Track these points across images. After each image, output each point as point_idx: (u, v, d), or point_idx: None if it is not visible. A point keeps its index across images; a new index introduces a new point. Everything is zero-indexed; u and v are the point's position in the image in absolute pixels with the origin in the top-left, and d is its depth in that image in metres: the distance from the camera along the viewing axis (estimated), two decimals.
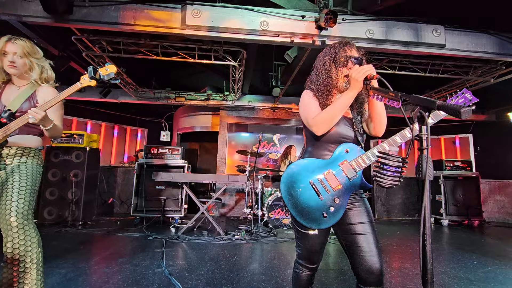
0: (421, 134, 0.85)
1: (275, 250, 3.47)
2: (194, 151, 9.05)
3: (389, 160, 1.01)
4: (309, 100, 1.45)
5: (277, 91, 5.63)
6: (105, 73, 1.62)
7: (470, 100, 1.36)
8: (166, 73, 6.16)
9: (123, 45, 4.05)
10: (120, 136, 7.79)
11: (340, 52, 1.39)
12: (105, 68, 1.62)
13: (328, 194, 1.31)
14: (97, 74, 1.61)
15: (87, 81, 1.61)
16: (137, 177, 5.00)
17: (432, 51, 3.48)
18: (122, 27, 3.13)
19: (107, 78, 1.62)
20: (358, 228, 1.32)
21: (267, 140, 6.76)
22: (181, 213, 4.96)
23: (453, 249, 3.76)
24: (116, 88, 5.88)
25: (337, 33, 3.27)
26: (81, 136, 4.79)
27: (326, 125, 1.32)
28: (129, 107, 7.55)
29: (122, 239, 3.83)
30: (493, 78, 4.57)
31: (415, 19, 3.37)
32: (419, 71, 4.53)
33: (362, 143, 1.43)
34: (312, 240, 1.37)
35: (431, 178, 0.82)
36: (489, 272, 2.86)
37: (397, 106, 1.00)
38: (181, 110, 7.68)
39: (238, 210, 6.26)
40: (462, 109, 0.73)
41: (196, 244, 3.60)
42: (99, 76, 1.61)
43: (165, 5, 3.15)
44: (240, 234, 4.04)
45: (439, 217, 5.76)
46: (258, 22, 3.19)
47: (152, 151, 5.23)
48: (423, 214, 0.81)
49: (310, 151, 1.46)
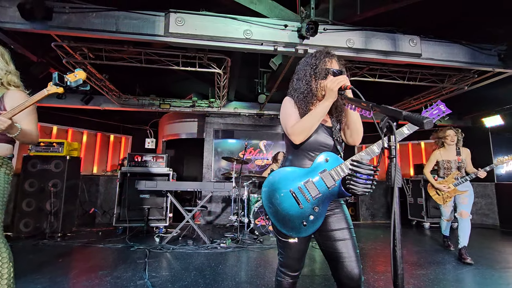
0: (390, 143, 0.88)
1: (261, 258, 3.45)
2: (180, 159, 8.94)
3: (361, 168, 1.04)
4: (289, 109, 1.47)
5: (263, 97, 5.68)
6: (74, 79, 1.57)
7: (444, 112, 1.44)
8: (151, 80, 6.10)
9: (105, 52, 3.99)
10: (103, 144, 7.59)
11: (320, 64, 1.42)
12: (74, 74, 1.57)
13: (308, 202, 1.33)
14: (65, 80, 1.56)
15: (54, 88, 1.55)
16: (120, 186, 4.89)
17: (409, 60, 3.63)
18: (103, 34, 3.09)
19: (75, 85, 1.56)
20: (337, 234, 1.34)
21: (253, 147, 6.78)
22: (165, 222, 4.87)
23: (434, 251, 3.87)
24: (98, 95, 5.76)
25: (319, 42, 3.35)
26: (61, 145, 4.65)
27: (303, 135, 1.34)
28: (113, 114, 7.39)
29: (103, 250, 3.71)
30: (467, 86, 4.80)
31: (392, 30, 3.51)
32: (398, 79, 4.70)
33: (341, 152, 1.46)
34: (293, 248, 1.38)
35: (399, 185, 0.86)
36: (467, 272, 2.96)
37: (369, 116, 1.03)
38: (167, 117, 7.60)
39: (225, 218, 6.21)
40: (425, 120, 0.77)
41: (181, 254, 3.54)
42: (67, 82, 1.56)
43: (148, 13, 3.14)
44: (226, 242, 4.00)
45: (421, 219, 5.92)
46: (241, 30, 3.23)
47: (136, 159, 5.13)
48: (393, 221, 0.84)
49: (290, 159, 1.48)
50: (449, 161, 3.61)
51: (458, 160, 3.58)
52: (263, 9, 3.35)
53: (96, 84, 5.04)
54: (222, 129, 6.81)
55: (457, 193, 3.51)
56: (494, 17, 3.96)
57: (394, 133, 0.87)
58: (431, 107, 1.41)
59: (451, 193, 3.54)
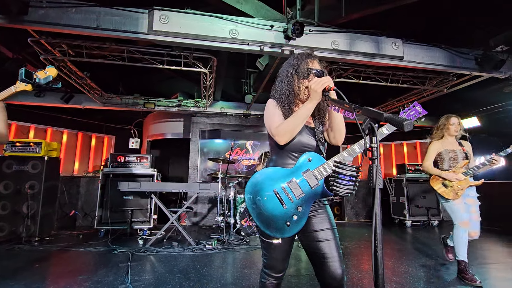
0: (372, 144, 0.89)
1: (247, 259, 3.43)
2: (166, 159, 8.78)
3: (343, 169, 1.05)
4: (272, 110, 1.47)
5: (249, 98, 5.67)
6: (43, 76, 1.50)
7: (420, 113, 1.48)
8: (135, 78, 5.96)
9: (86, 49, 3.86)
10: (84, 144, 7.34)
11: (302, 64, 1.43)
12: (44, 71, 1.51)
13: (292, 203, 1.33)
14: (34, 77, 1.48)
15: (22, 85, 1.48)
16: (102, 187, 4.75)
17: (392, 63, 3.72)
18: (84, 30, 2.98)
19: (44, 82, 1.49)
20: (321, 235, 1.35)
21: (240, 147, 6.75)
22: (150, 224, 4.76)
23: (415, 249, 3.98)
24: (79, 93, 5.57)
25: (304, 43, 3.37)
26: (38, 145, 4.45)
27: (288, 135, 1.34)
28: (95, 113, 7.16)
29: (83, 254, 3.58)
30: (446, 88, 4.98)
31: (376, 32, 3.58)
32: (381, 81, 4.81)
33: (324, 152, 1.48)
34: (277, 249, 1.38)
35: (381, 186, 0.86)
36: (445, 269, 3.06)
37: (351, 117, 1.04)
38: (152, 117, 7.44)
39: (211, 219, 6.15)
40: (405, 122, 0.78)
41: (165, 256, 3.47)
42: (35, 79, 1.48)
43: (131, 9, 3.06)
44: (211, 243, 3.95)
45: (403, 218, 6.09)
46: (227, 30, 3.21)
47: (119, 159, 4.99)
48: (374, 222, 0.85)
49: (274, 159, 1.48)
50: (454, 150, 2.96)
51: (463, 150, 2.98)
52: (249, 9, 3.34)
53: (76, 82, 4.87)
54: (209, 129, 6.75)
55: (469, 184, 2.88)
56: (473, 23, 4.13)
57: (376, 134, 0.88)
58: (408, 108, 1.45)
59: (462, 184, 2.85)
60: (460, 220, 2.75)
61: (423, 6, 3.64)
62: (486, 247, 4.18)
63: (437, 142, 3.05)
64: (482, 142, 6.58)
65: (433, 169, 2.99)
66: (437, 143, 3.04)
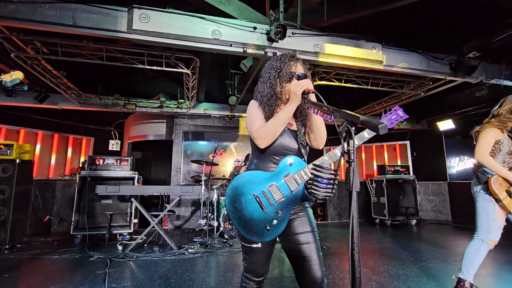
0: (349, 147, 0.89)
1: (229, 262, 3.40)
2: (147, 161, 8.56)
3: (322, 172, 1.05)
4: (254, 112, 1.45)
5: (233, 99, 5.64)
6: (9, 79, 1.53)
7: (401, 117, 1.51)
8: (115, 78, 5.78)
9: (61, 47, 3.69)
10: (60, 146, 7.02)
11: (285, 68, 1.42)
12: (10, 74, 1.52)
13: (272, 207, 1.32)
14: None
15: None
16: (79, 191, 4.55)
17: (372, 66, 3.81)
18: (58, 27, 2.85)
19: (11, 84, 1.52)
20: (301, 238, 1.34)
21: (224, 148, 6.70)
22: (130, 228, 4.61)
23: (394, 248, 4.09)
24: (55, 93, 5.33)
25: (287, 45, 3.39)
26: (9, 147, 4.20)
27: (268, 138, 1.33)
28: (72, 114, 6.86)
29: (58, 262, 3.41)
30: (423, 92, 5.17)
31: (356, 37, 3.67)
32: (362, 84, 4.93)
33: (305, 156, 1.47)
34: (257, 253, 1.36)
35: (357, 189, 0.87)
36: (423, 267, 3.16)
37: (330, 120, 1.04)
38: (133, 118, 7.24)
39: (194, 222, 6.05)
40: (380, 125, 0.79)
41: (145, 262, 3.37)
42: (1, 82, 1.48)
43: (109, 7, 2.96)
44: (194, 247, 3.88)
45: (383, 217, 6.25)
46: (210, 30, 3.17)
47: (97, 162, 4.81)
48: (351, 225, 0.85)
49: (256, 163, 1.46)
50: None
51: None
52: (232, 10, 3.32)
53: (52, 82, 4.66)
54: (192, 130, 6.65)
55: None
56: (448, 29, 4.32)
57: (352, 137, 0.88)
58: (390, 112, 1.48)
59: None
60: (492, 238, 2.18)
61: (401, 13, 3.78)
62: (460, 244, 4.35)
63: (495, 128, 2.29)
64: (457, 144, 6.89)
65: (498, 166, 2.17)
66: (495, 129, 2.28)
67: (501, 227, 2.18)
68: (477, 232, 2.23)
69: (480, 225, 2.22)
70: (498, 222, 2.16)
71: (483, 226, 2.20)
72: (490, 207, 2.17)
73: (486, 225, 2.19)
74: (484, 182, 2.22)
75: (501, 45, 3.88)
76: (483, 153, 2.20)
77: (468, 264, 2.20)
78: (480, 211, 2.24)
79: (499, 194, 2.13)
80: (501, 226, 2.19)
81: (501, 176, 2.14)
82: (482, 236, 2.19)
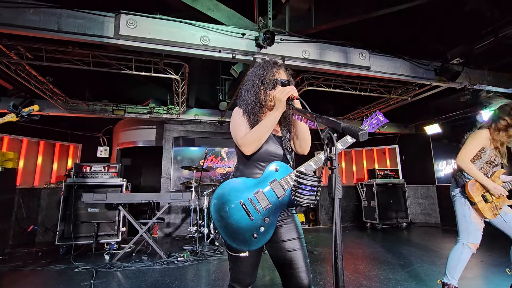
0: (331, 154, 0.89)
1: (220, 270, 3.34)
2: (137, 168, 8.43)
3: (305, 179, 1.04)
4: (239, 119, 1.45)
5: (224, 105, 5.63)
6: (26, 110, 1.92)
7: (382, 121, 1.53)
8: (104, 84, 5.70)
9: (46, 52, 3.62)
10: (46, 153, 6.84)
11: (268, 75, 1.42)
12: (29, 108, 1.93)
13: (259, 214, 1.30)
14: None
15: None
16: (65, 199, 4.43)
17: (360, 72, 3.87)
18: (42, 32, 2.79)
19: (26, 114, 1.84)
20: (288, 245, 1.33)
21: (215, 154, 6.65)
22: (118, 237, 4.50)
23: (385, 252, 4.11)
24: (41, 99, 5.20)
25: (276, 51, 3.42)
26: None
27: (254, 145, 1.32)
28: (59, 120, 6.71)
29: (41, 274, 3.29)
30: (410, 97, 5.28)
31: (344, 43, 3.72)
32: (350, 90, 5.00)
33: (291, 161, 1.47)
34: (244, 262, 1.34)
35: (340, 196, 0.86)
36: (413, 270, 3.17)
37: (313, 126, 1.04)
38: (122, 124, 7.13)
39: (184, 229, 5.96)
40: (360, 132, 0.79)
41: (133, 272, 3.28)
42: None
43: (95, 12, 2.92)
44: (184, 255, 3.81)
45: (374, 221, 6.29)
46: (198, 36, 3.16)
47: (84, 169, 4.70)
48: (334, 232, 0.84)
49: (241, 169, 1.45)
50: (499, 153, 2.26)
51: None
52: (221, 16, 3.33)
53: (37, 88, 4.55)
54: (182, 136, 6.59)
55: (505, 202, 2.23)
56: (432, 37, 4.44)
57: (334, 144, 0.88)
58: (371, 117, 1.50)
59: (500, 202, 2.21)
60: (473, 241, 2.18)
61: (387, 20, 3.87)
62: (448, 247, 4.40)
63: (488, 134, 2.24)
64: (444, 148, 7.03)
65: (478, 173, 2.18)
66: (487, 136, 2.24)
67: (480, 229, 2.20)
68: (459, 236, 2.26)
69: (461, 229, 2.26)
70: (476, 224, 2.19)
71: (463, 229, 2.23)
72: (466, 210, 2.22)
73: (466, 229, 2.22)
74: (461, 186, 2.26)
75: (483, 52, 4.01)
76: (465, 159, 2.22)
77: (452, 269, 2.21)
78: (458, 215, 2.28)
79: (475, 197, 2.17)
80: (480, 228, 2.20)
81: (479, 182, 2.18)
82: (463, 240, 2.21)
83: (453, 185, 2.37)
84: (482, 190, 2.19)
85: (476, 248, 2.20)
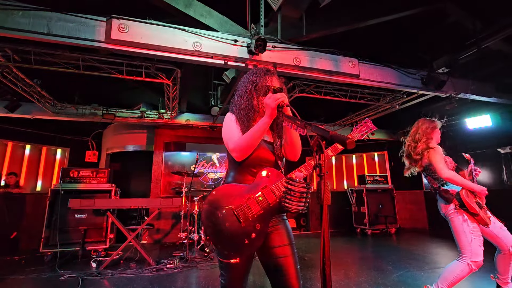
0: (320, 161, 0.91)
1: (210, 276, 3.31)
2: (127, 173, 8.27)
3: (294, 186, 1.06)
4: (230, 125, 1.46)
5: (216, 109, 5.63)
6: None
7: (371, 128, 1.57)
8: (94, 88, 5.62)
9: (34, 55, 3.56)
10: (33, 157, 6.67)
11: (260, 82, 1.45)
12: None
13: (250, 220, 1.30)
14: None
15: None
16: (51, 205, 4.32)
17: (349, 80, 3.95)
18: (31, 35, 2.75)
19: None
20: (278, 251, 1.33)
21: (206, 160, 6.62)
22: (105, 244, 4.40)
23: (374, 257, 4.16)
24: (28, 102, 5.09)
25: (268, 58, 3.46)
26: None
27: (245, 151, 1.34)
28: (47, 124, 6.55)
29: (24, 283, 3.18)
30: (398, 105, 5.41)
31: (334, 51, 3.80)
32: (341, 97, 5.09)
33: (282, 167, 1.48)
34: (235, 269, 1.34)
35: (329, 203, 0.88)
36: (401, 276, 3.22)
37: (303, 134, 1.06)
38: (112, 128, 7.03)
39: (174, 235, 5.87)
40: (347, 141, 0.81)
41: (121, 280, 3.21)
42: None
43: (87, 16, 2.90)
44: (173, 262, 3.75)
45: (364, 227, 6.35)
46: (191, 42, 3.17)
47: (72, 174, 4.61)
48: (322, 239, 0.85)
49: (232, 175, 1.45)
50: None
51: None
52: (213, 22, 3.36)
53: (24, 90, 4.46)
54: (173, 141, 6.54)
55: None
56: (418, 47, 4.59)
57: (323, 151, 0.90)
58: (360, 124, 1.54)
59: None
60: (477, 259, 2.05)
61: (375, 30, 3.98)
62: (436, 252, 4.49)
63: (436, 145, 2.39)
64: None
65: (463, 180, 2.17)
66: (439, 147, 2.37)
67: (481, 245, 2.10)
68: (462, 255, 2.12)
69: (462, 246, 2.12)
70: (477, 240, 2.09)
71: (466, 247, 2.10)
72: (465, 226, 2.12)
73: (468, 246, 2.09)
74: (454, 200, 2.17)
75: (468, 62, 4.16)
76: (446, 171, 2.19)
77: (445, 281, 2.12)
78: (458, 232, 2.15)
79: (469, 205, 2.09)
80: (481, 243, 2.11)
81: (466, 188, 2.15)
82: (467, 259, 2.08)
83: (443, 203, 2.27)
84: (474, 197, 2.15)
85: (479, 267, 2.06)
